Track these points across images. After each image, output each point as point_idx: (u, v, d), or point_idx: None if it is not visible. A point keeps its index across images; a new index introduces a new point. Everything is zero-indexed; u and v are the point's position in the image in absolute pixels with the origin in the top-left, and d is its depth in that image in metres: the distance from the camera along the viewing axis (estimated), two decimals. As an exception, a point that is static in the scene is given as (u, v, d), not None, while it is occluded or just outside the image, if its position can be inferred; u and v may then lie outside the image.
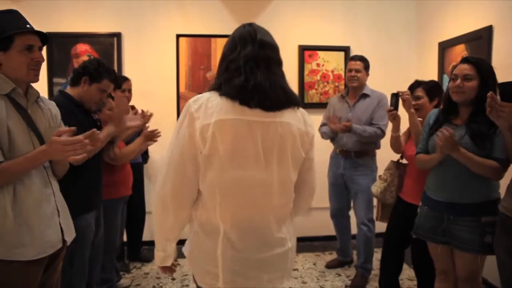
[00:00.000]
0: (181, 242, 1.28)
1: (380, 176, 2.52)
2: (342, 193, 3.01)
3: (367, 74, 2.87)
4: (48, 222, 1.46)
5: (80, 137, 1.35)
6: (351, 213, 3.07)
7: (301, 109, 1.31)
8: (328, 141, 3.14)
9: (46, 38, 1.46)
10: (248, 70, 1.16)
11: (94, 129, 1.41)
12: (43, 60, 1.46)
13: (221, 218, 1.19)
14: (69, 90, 1.97)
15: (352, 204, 3.00)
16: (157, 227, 1.26)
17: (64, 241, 1.54)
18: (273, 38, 1.27)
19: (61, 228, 1.52)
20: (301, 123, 1.28)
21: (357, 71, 2.82)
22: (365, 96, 2.85)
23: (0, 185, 1.34)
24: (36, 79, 1.45)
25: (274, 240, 1.25)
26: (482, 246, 1.74)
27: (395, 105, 2.25)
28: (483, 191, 1.76)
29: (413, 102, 2.22)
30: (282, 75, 1.26)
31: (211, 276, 1.22)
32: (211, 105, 1.14)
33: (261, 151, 1.17)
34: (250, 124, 1.16)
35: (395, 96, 2.25)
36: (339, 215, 3.10)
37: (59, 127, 1.56)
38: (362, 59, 2.85)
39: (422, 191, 2.12)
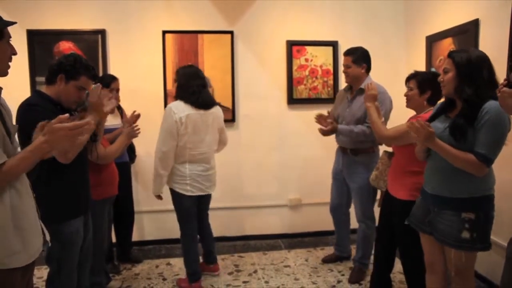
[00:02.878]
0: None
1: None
2: (342, 188, 2.98)
3: (362, 66, 2.75)
4: (34, 225, 1.43)
5: (87, 120, 1.34)
6: (352, 210, 3.07)
7: (218, 106, 2.73)
8: (314, 137, 3.14)
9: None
10: (198, 91, 2.56)
11: (88, 120, 1.36)
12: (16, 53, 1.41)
13: (188, 157, 2.61)
14: (45, 89, 1.86)
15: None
16: (156, 169, 2.59)
17: (46, 242, 1.51)
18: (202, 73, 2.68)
19: (42, 230, 1.50)
20: (219, 112, 2.73)
21: (347, 66, 2.77)
22: (362, 91, 2.64)
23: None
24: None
25: (210, 166, 2.72)
26: (458, 240, 1.75)
27: None
28: (466, 187, 1.75)
29: (405, 93, 2.24)
30: (209, 91, 2.76)
31: (184, 185, 2.63)
32: (181, 107, 2.54)
33: (205, 126, 2.61)
34: (200, 115, 2.58)
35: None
36: (338, 210, 3.08)
37: (15, 126, 1.49)
38: (351, 53, 2.76)
39: (399, 184, 2.19)
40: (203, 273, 2.91)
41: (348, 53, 2.79)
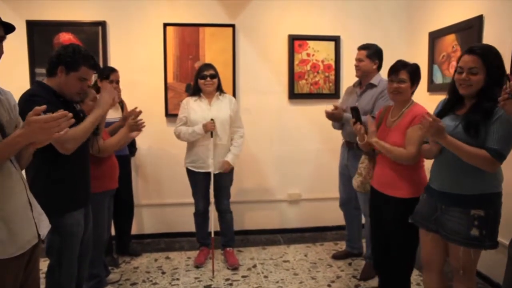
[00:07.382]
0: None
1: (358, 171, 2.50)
2: (349, 183, 2.95)
3: (375, 62, 2.76)
4: (23, 217, 1.41)
5: (64, 112, 1.26)
6: None
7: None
8: (315, 132, 3.13)
9: None
10: None
11: (64, 112, 1.27)
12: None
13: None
14: (46, 81, 1.85)
15: None
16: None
17: (39, 235, 1.48)
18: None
19: (35, 223, 1.47)
20: None
21: (359, 60, 2.76)
22: (372, 86, 2.73)
23: None
24: None
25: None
26: (467, 238, 1.73)
27: (356, 118, 2.31)
28: (476, 183, 1.73)
29: (395, 85, 2.11)
30: None
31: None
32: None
33: None
34: None
35: (355, 109, 2.33)
36: (348, 205, 3.06)
37: (17, 119, 1.46)
38: (366, 47, 2.76)
39: (399, 182, 2.11)
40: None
41: (363, 47, 2.79)
